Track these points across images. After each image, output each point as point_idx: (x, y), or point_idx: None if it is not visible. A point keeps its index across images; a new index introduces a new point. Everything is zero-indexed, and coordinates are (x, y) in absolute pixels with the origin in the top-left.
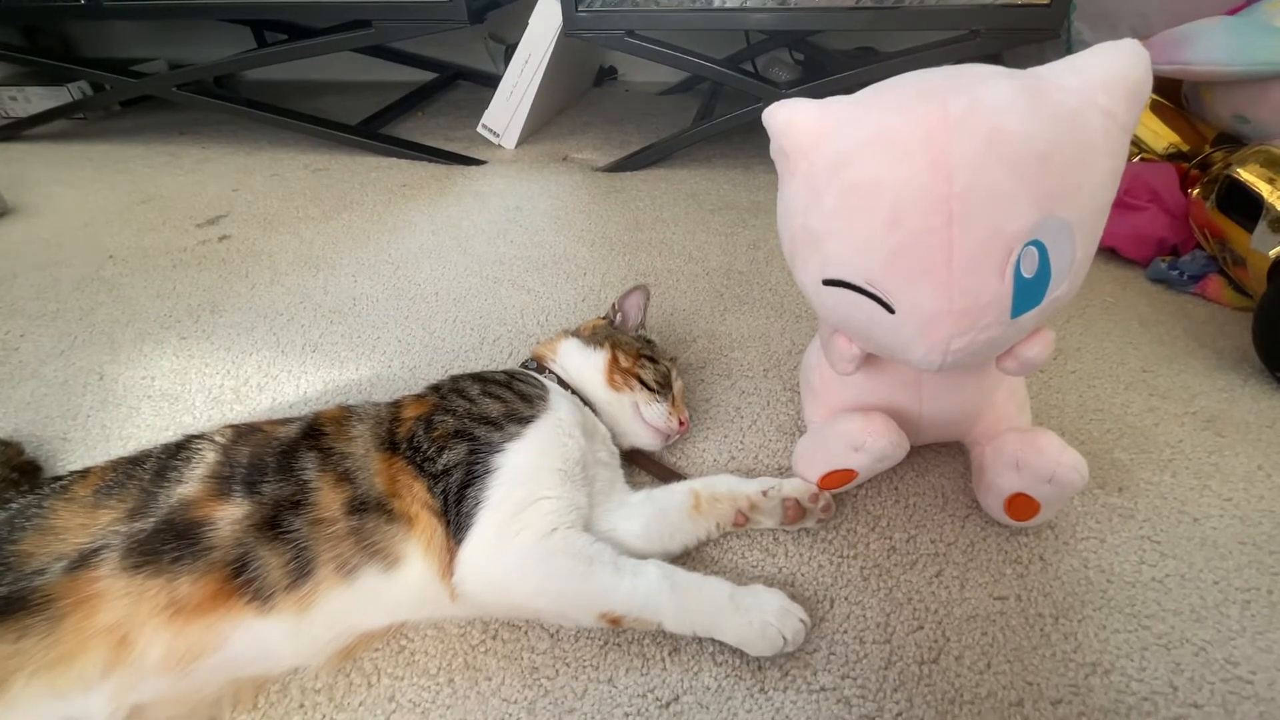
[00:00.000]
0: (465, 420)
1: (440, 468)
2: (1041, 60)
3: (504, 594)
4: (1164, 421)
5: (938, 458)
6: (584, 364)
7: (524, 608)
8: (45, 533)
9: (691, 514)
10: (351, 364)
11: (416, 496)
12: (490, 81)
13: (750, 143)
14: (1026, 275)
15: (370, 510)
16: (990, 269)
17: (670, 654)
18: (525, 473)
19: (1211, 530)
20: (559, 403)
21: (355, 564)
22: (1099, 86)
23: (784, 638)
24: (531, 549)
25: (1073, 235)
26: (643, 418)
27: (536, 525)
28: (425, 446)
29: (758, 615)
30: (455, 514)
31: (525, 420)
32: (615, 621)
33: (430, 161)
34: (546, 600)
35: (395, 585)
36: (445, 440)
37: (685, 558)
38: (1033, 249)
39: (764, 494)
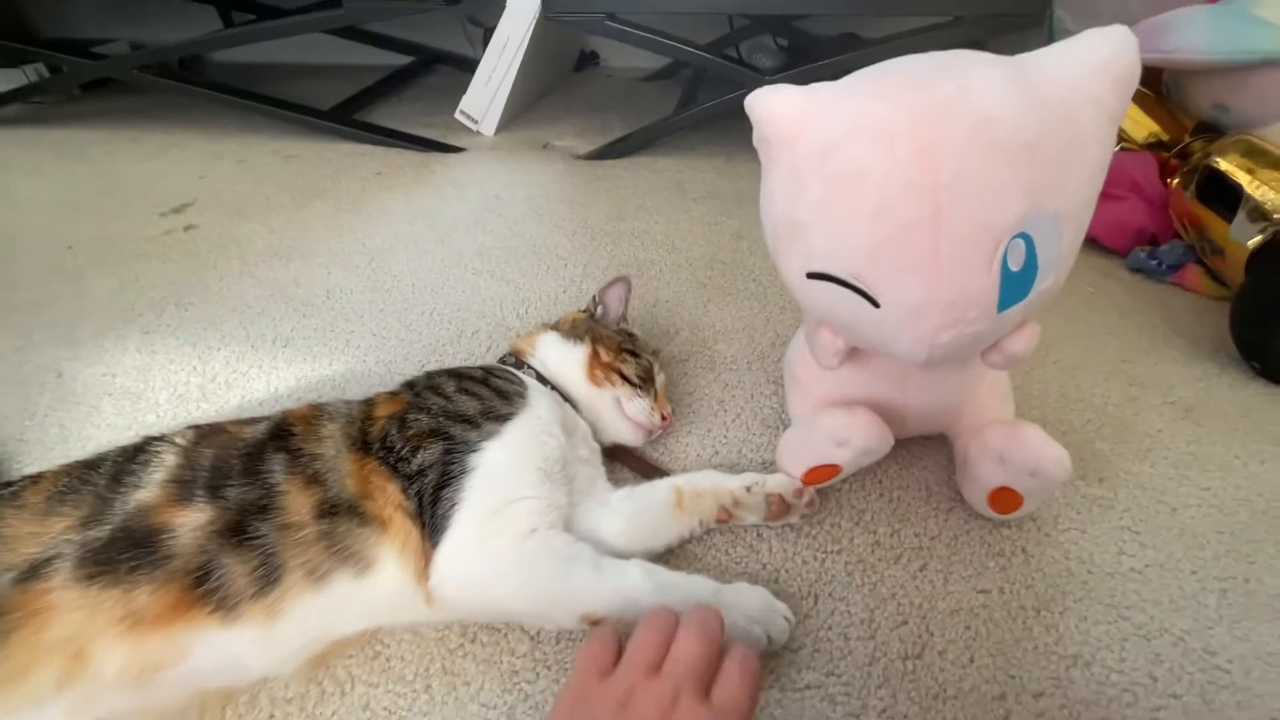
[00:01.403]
0: (440, 419)
1: (415, 468)
2: (1025, 48)
3: (482, 597)
4: (1143, 411)
5: (922, 451)
6: (564, 359)
7: (503, 610)
8: None
9: (674, 511)
10: (325, 359)
11: (390, 498)
12: (468, 66)
13: (734, 130)
14: (1013, 268)
15: (341, 513)
16: (977, 262)
17: None
18: (503, 472)
19: (1190, 520)
20: (538, 399)
21: (326, 569)
22: (1088, 74)
23: (768, 636)
24: (510, 551)
25: (1060, 227)
26: (625, 413)
27: (515, 526)
28: (399, 446)
29: (741, 614)
30: (430, 516)
31: (503, 418)
32: (597, 623)
33: (406, 148)
34: (526, 603)
35: (369, 590)
36: (420, 440)
37: (668, 554)
38: (1020, 241)
39: (747, 490)
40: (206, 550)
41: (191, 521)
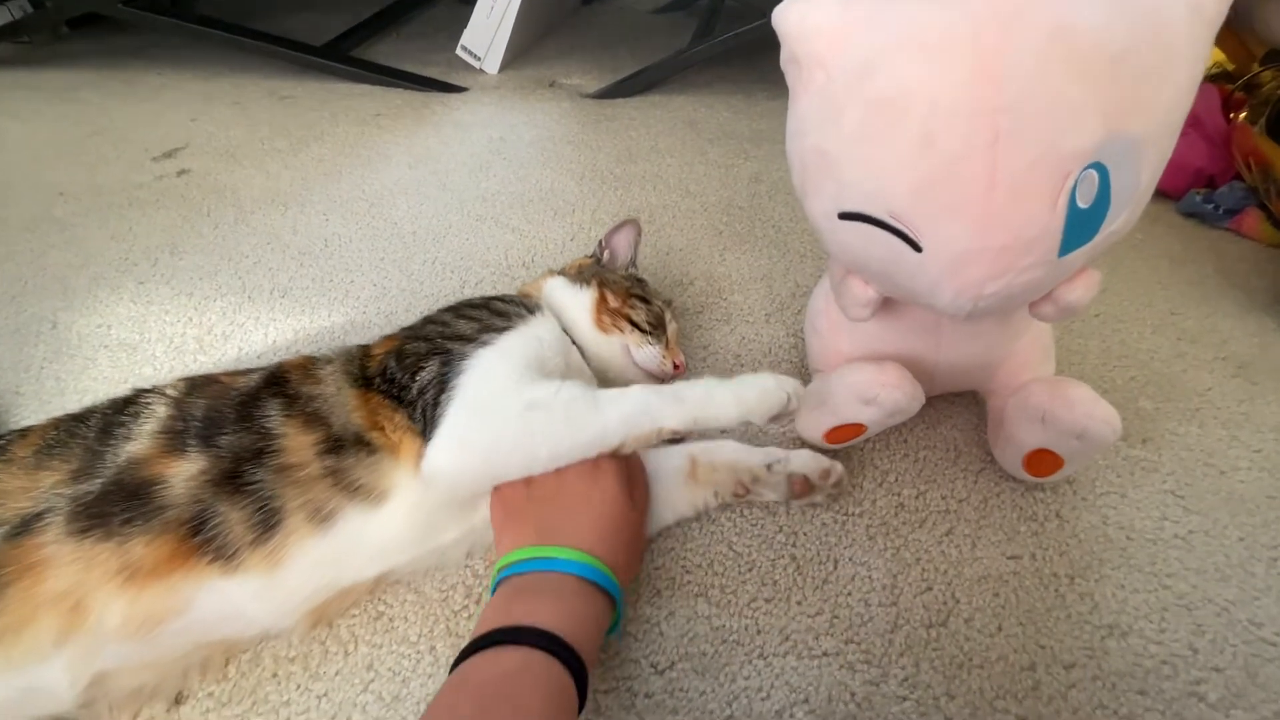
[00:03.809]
0: (437, 340)
1: (416, 391)
2: None
3: (484, 461)
4: (1192, 368)
5: (950, 408)
6: (570, 303)
7: (508, 465)
8: None
9: (686, 481)
10: (324, 309)
11: (398, 425)
12: None
13: (753, 66)
14: (1082, 205)
15: (349, 447)
16: (1040, 198)
17: (666, 618)
18: (498, 369)
19: (1239, 484)
20: (540, 322)
21: (332, 508)
22: None
23: (786, 393)
24: (507, 417)
25: (1141, 155)
26: (634, 360)
27: (510, 403)
28: (399, 376)
29: (754, 382)
30: (431, 420)
31: (500, 330)
32: (616, 453)
33: (406, 88)
34: (540, 443)
35: (381, 523)
36: (418, 362)
37: (678, 521)
38: (1093, 173)
39: (768, 468)
40: (201, 499)
41: (184, 472)
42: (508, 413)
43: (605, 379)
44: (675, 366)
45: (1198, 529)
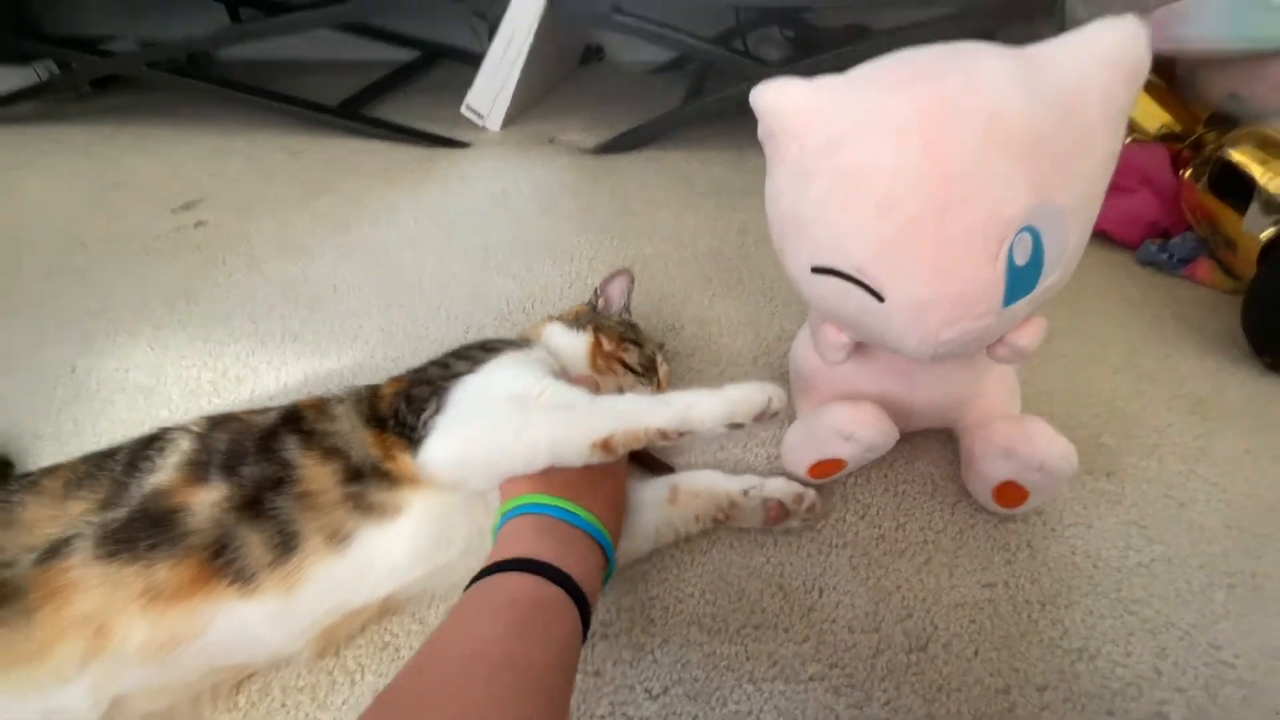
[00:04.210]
0: (439, 383)
1: (421, 430)
2: (1035, 39)
3: (486, 450)
4: (1152, 405)
5: (927, 444)
6: (567, 346)
7: (514, 456)
8: (13, 526)
9: (667, 505)
10: (333, 354)
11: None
12: (474, 61)
13: (742, 123)
14: (1019, 263)
15: (368, 475)
16: (982, 256)
17: (660, 645)
18: (490, 377)
19: (1198, 515)
20: (534, 350)
21: (350, 529)
22: (1097, 65)
23: (768, 395)
24: (504, 408)
25: (1067, 221)
26: None
27: (507, 400)
28: (409, 419)
29: (737, 386)
30: (428, 430)
31: (491, 357)
32: (606, 444)
33: (412, 144)
34: (540, 430)
35: (395, 536)
36: (421, 405)
37: (667, 548)
38: (1026, 235)
39: (744, 494)
40: (223, 524)
41: (208, 499)
42: (506, 405)
43: None
44: None
45: (1160, 557)
